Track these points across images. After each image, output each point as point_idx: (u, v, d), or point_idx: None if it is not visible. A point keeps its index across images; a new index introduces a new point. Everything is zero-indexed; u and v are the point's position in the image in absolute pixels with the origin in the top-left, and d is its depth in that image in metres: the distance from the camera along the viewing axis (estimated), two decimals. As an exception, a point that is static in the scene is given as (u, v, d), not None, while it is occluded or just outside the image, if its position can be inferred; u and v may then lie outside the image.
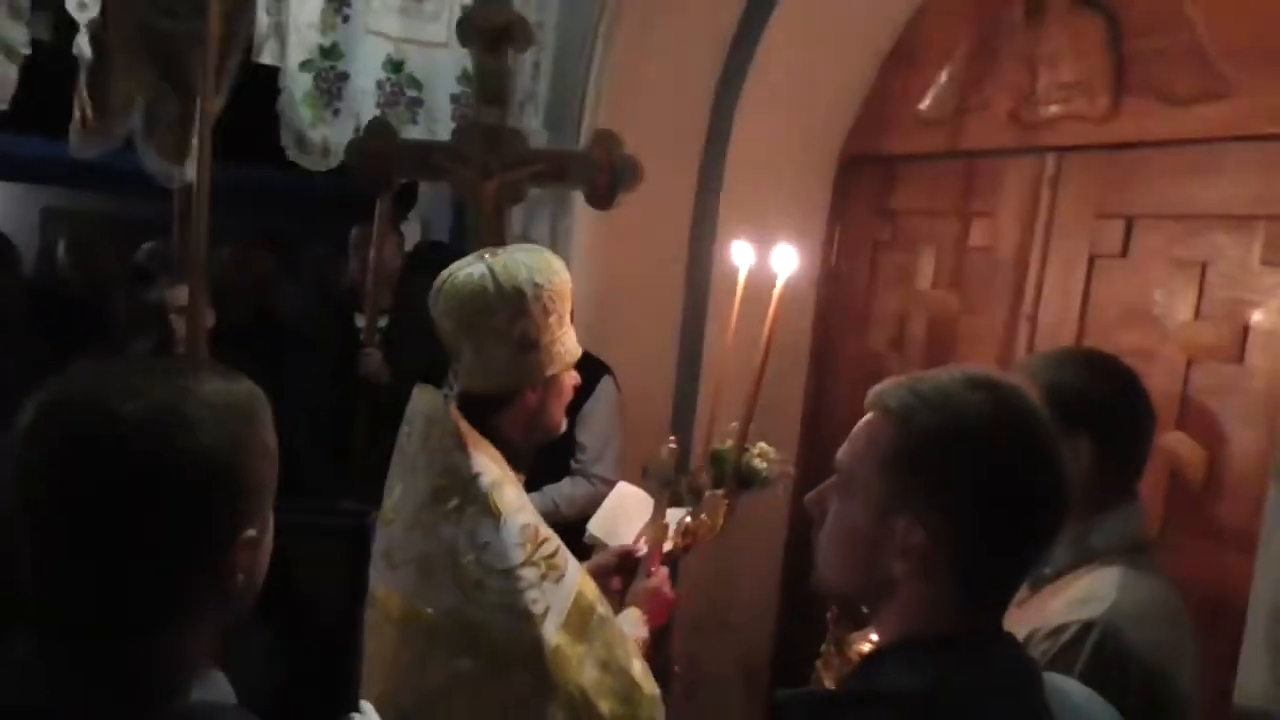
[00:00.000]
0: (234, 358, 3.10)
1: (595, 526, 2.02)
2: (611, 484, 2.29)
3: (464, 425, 1.60)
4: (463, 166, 2.43)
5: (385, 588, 1.62)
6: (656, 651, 1.72)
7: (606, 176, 2.44)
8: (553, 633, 1.49)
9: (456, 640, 1.50)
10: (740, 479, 1.83)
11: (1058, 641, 1.44)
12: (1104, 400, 1.59)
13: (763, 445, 1.88)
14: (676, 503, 1.86)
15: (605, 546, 1.94)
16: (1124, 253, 2.36)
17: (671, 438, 1.88)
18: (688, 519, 1.84)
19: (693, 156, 3.28)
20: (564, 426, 1.75)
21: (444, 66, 3.02)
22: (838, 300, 3.30)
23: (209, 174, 2.92)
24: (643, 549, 1.82)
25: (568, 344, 1.68)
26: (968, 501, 0.98)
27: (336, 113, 2.97)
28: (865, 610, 1.12)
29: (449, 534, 1.52)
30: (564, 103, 3.16)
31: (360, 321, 3.45)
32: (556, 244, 3.32)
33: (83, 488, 0.85)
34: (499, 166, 2.42)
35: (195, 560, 0.89)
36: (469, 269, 1.62)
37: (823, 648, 1.47)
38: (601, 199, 2.44)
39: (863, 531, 1.04)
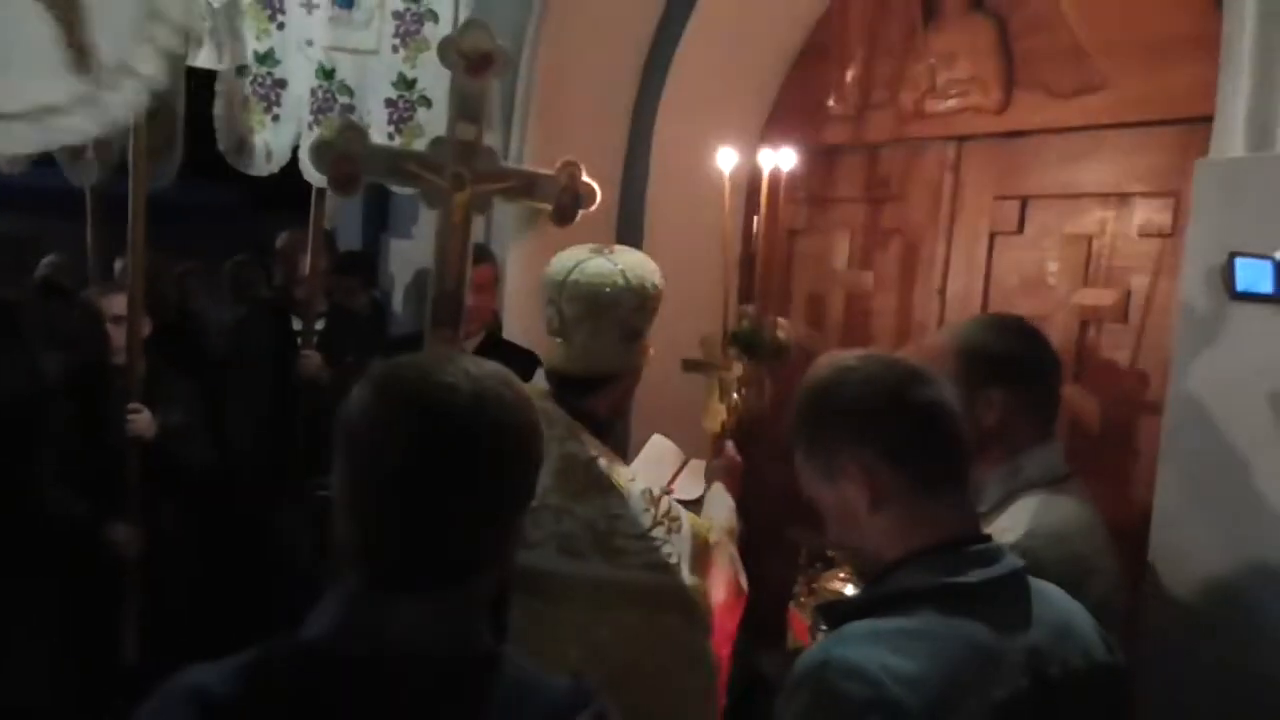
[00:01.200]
0: (165, 364, 3.14)
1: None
2: None
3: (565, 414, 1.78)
4: (435, 176, 2.53)
5: (523, 563, 1.75)
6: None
7: (570, 197, 2.62)
8: (687, 575, 1.73)
9: (615, 600, 1.72)
10: (770, 349, 2.07)
11: None
12: (1010, 354, 1.84)
13: (779, 319, 2.14)
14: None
15: None
16: (1020, 229, 2.65)
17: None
18: (736, 397, 2.08)
19: (618, 152, 3.46)
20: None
21: (376, 74, 3.10)
22: (758, 284, 3.52)
23: (145, 183, 2.95)
24: (678, 493, 2.03)
25: (648, 341, 1.90)
26: (905, 433, 1.20)
27: (276, 118, 3.02)
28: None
29: (583, 512, 1.71)
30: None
31: (295, 324, 3.51)
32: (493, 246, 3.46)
33: (437, 454, 0.95)
34: (472, 180, 2.54)
35: (503, 523, 1.01)
36: (596, 263, 1.80)
37: (795, 589, 1.67)
38: (563, 217, 2.64)
39: (827, 498, 1.25)
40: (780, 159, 2.11)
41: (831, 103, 3.16)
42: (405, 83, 3.00)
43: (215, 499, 3.28)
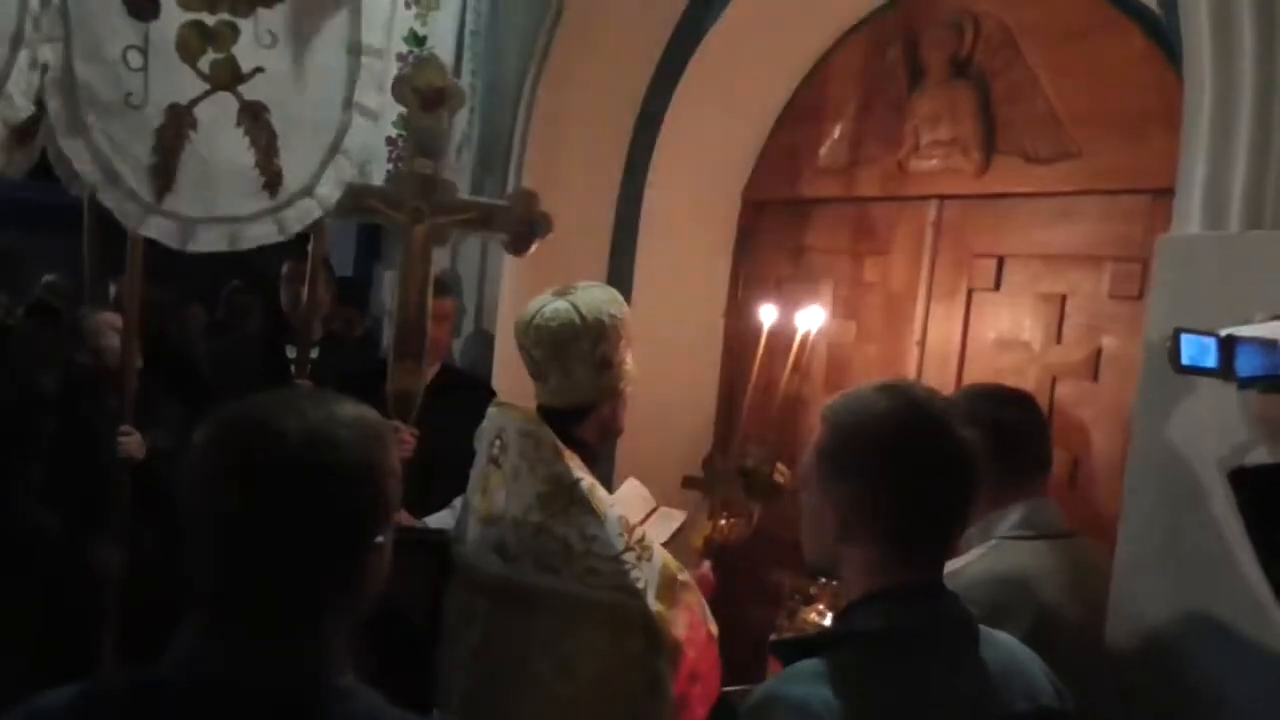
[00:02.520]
0: (157, 387, 3.18)
1: None
2: None
3: (554, 437, 1.87)
4: (395, 210, 2.60)
5: (502, 574, 1.89)
6: None
7: (525, 227, 2.69)
8: (653, 601, 1.82)
9: (582, 617, 1.82)
10: (767, 489, 2.22)
11: None
12: (992, 419, 1.94)
13: (780, 465, 2.28)
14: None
15: None
16: (997, 287, 2.74)
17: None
18: (723, 522, 2.22)
19: (609, 200, 3.56)
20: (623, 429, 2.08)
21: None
22: (745, 330, 3.61)
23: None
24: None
25: (630, 363, 2.00)
26: (868, 477, 1.25)
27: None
28: (833, 578, 1.38)
29: (561, 531, 1.81)
30: (495, 148, 3.41)
31: (290, 353, 3.56)
32: (485, 280, 3.54)
33: (258, 496, 0.99)
34: (430, 212, 2.60)
35: (342, 560, 1.03)
36: (554, 306, 1.91)
37: (779, 622, 1.75)
38: (519, 247, 2.70)
39: (813, 512, 1.31)
40: (810, 319, 2.39)
41: (818, 157, 3.26)
42: (404, 123, 3.07)
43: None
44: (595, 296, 1.96)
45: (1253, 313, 1.29)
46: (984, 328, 2.77)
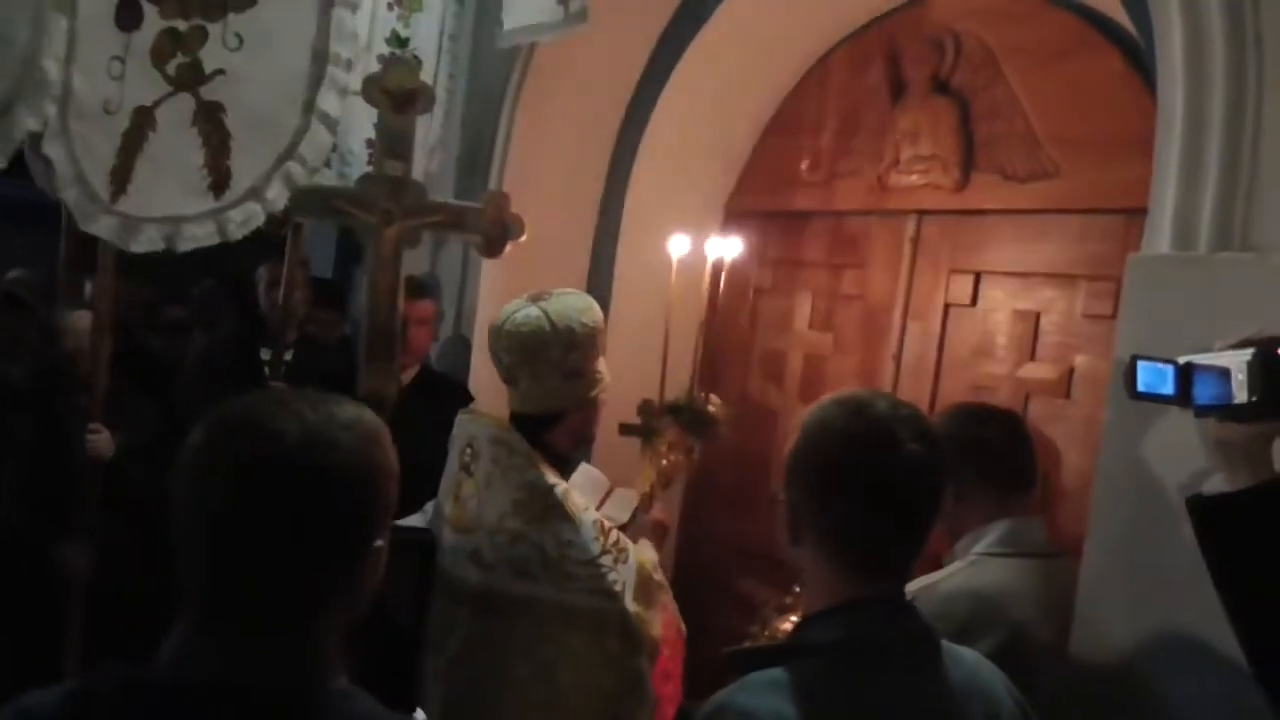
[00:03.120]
0: (127, 385, 3.16)
1: None
2: None
3: (526, 445, 1.87)
4: (364, 212, 2.59)
5: (480, 583, 1.88)
6: None
7: (498, 230, 2.67)
8: (630, 602, 1.83)
9: (560, 621, 1.82)
10: (701, 422, 2.19)
11: None
12: (975, 437, 1.98)
13: (712, 396, 2.26)
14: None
15: None
16: (973, 303, 2.76)
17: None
18: (664, 461, 2.19)
19: (591, 207, 3.56)
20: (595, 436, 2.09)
21: (360, 114, 3.17)
22: (722, 340, 3.62)
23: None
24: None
25: (602, 370, 2.00)
26: (813, 487, 1.26)
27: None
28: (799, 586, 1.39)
29: (537, 538, 1.81)
30: (476, 151, 3.40)
31: (265, 355, 3.53)
32: (466, 282, 3.53)
33: (256, 498, 0.97)
34: (400, 215, 2.59)
35: (341, 563, 1.02)
36: (525, 312, 1.91)
37: (752, 629, 1.75)
38: (492, 249, 2.68)
39: (783, 516, 1.32)
40: (728, 248, 2.29)
41: (799, 170, 3.28)
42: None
43: (168, 523, 3.27)
44: (568, 304, 1.96)
45: (1221, 333, 1.30)
46: (960, 343, 2.79)
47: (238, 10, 2.02)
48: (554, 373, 1.92)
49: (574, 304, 1.97)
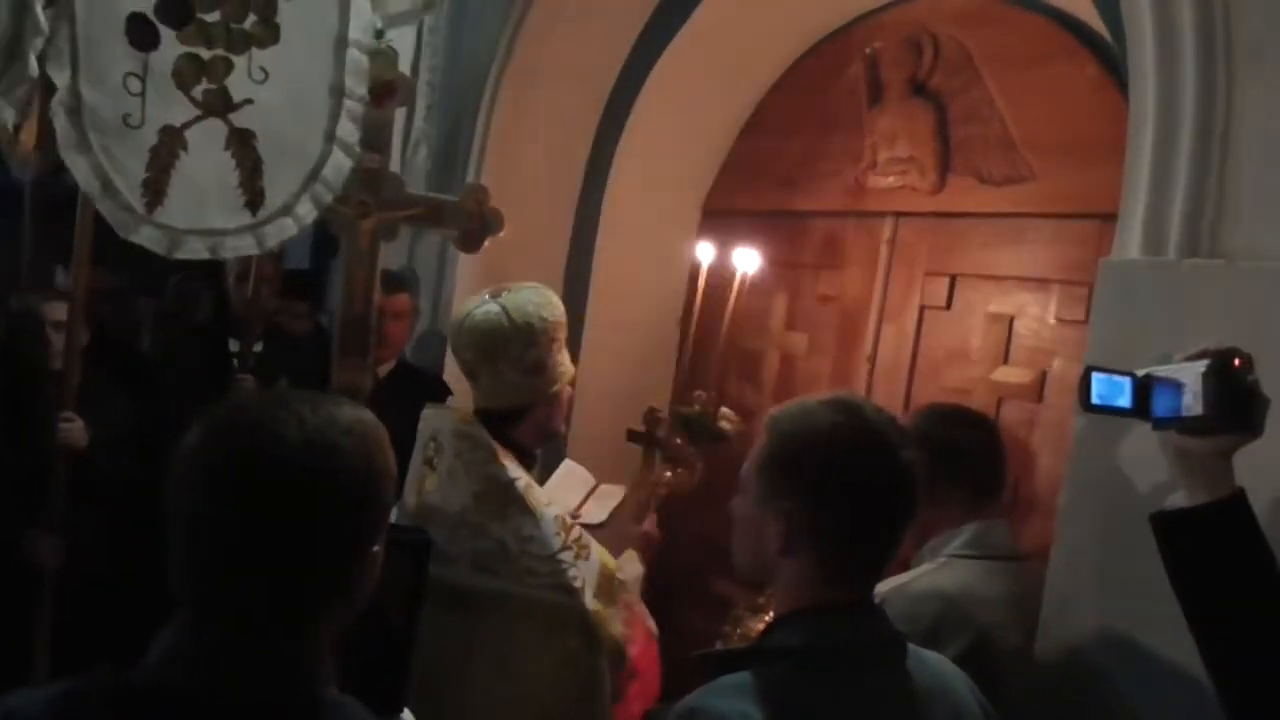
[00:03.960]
0: (100, 375, 3.12)
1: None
2: None
3: (490, 439, 1.86)
4: (340, 204, 2.57)
5: (440, 577, 1.82)
6: None
7: (476, 224, 2.65)
8: (590, 600, 1.82)
9: (520, 617, 1.81)
10: (709, 435, 2.19)
11: None
12: (949, 440, 1.98)
13: (725, 409, 2.25)
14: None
15: None
16: (948, 305, 2.77)
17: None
18: (668, 474, 2.19)
19: (569, 203, 3.56)
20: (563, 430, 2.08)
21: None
22: (699, 339, 3.61)
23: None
24: (584, 518, 2.12)
25: (565, 364, 1.99)
26: (813, 492, 1.25)
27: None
28: (765, 589, 1.38)
29: (498, 532, 1.80)
30: (455, 146, 3.38)
31: (234, 347, 3.50)
32: (443, 277, 3.52)
33: (255, 502, 0.95)
34: (377, 207, 2.57)
35: (339, 566, 1.01)
36: (484, 309, 1.90)
37: (725, 628, 1.75)
38: (470, 244, 2.66)
39: (750, 522, 1.31)
40: (748, 260, 2.39)
41: (780, 168, 3.28)
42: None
43: (140, 515, 3.23)
44: (525, 299, 1.95)
45: (1191, 338, 1.31)
46: (934, 345, 2.79)
47: (260, 46, 2.20)
48: (515, 369, 1.91)
49: (532, 299, 1.96)
